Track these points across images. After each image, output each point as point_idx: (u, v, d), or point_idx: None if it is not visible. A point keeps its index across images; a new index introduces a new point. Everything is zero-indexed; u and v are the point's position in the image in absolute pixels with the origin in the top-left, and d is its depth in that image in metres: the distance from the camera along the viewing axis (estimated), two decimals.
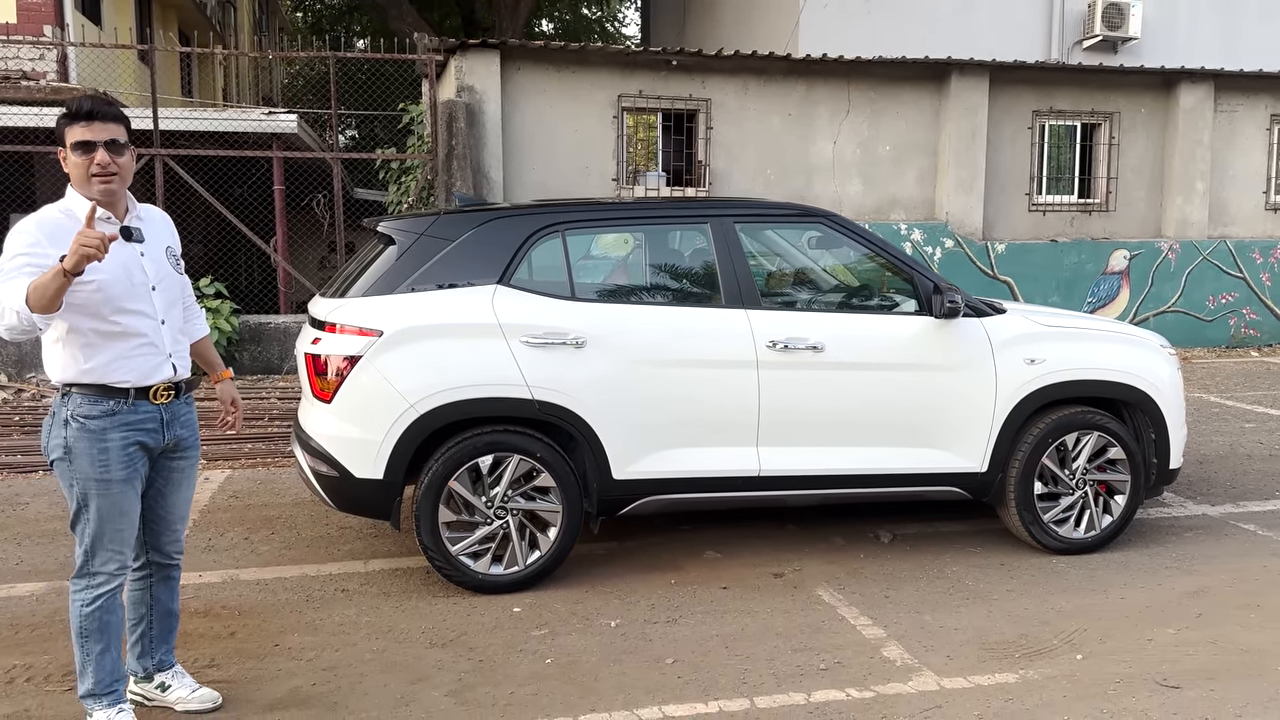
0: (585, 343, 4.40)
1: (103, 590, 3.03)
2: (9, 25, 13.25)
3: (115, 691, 3.09)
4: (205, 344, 3.47)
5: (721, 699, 3.45)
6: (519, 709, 3.39)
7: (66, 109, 2.94)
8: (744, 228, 4.79)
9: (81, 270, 2.69)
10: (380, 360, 4.27)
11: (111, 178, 2.95)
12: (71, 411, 2.95)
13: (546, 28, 27.06)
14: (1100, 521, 4.96)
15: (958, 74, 11.57)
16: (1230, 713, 3.37)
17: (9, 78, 13.03)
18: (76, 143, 2.92)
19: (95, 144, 2.91)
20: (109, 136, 2.94)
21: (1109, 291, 12.21)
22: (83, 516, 2.99)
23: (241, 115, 11.74)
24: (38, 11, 13.70)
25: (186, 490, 3.26)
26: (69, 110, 2.93)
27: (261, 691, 3.50)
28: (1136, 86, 12.30)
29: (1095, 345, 5.01)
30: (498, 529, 4.38)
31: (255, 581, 4.58)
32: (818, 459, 4.67)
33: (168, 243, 3.20)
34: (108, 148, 2.93)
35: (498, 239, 4.49)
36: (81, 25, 14.32)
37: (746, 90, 11.28)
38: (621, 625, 4.09)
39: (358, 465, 4.29)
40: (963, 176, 11.72)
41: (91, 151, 2.91)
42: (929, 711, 3.37)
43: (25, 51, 13.40)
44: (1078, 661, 3.76)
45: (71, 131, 2.92)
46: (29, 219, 2.92)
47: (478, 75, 10.35)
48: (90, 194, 2.95)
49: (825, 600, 4.36)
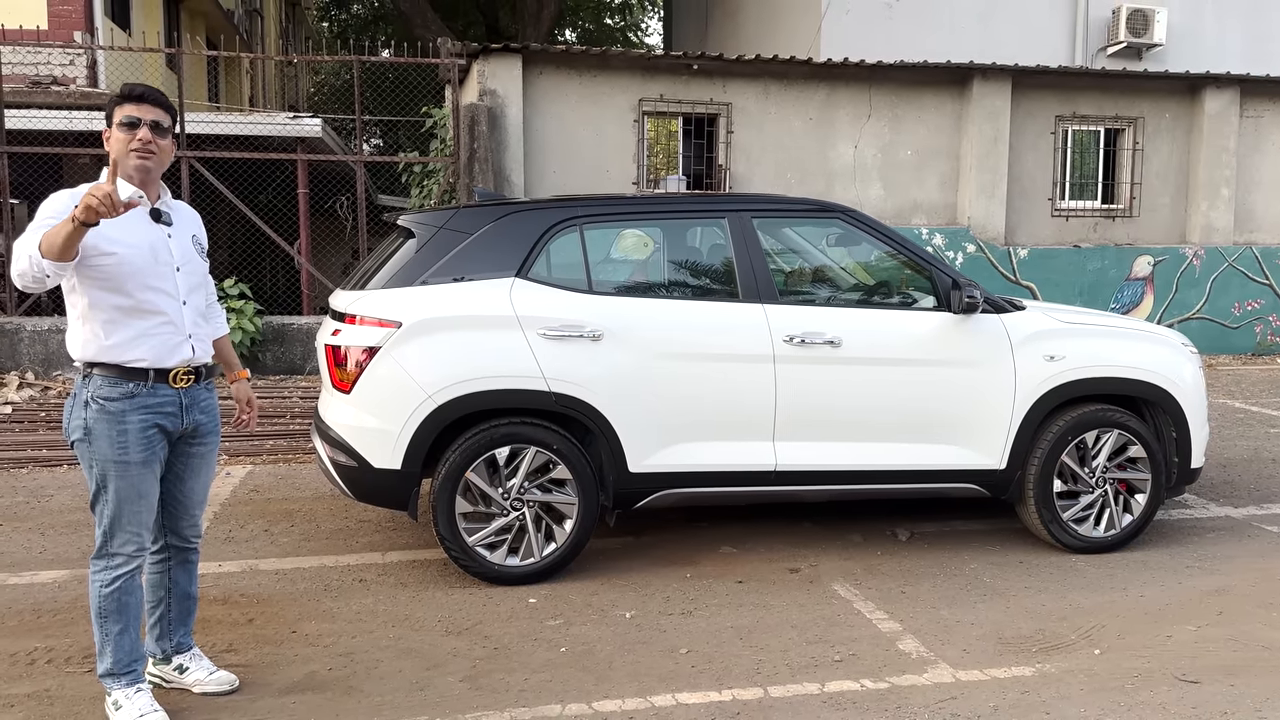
0: (602, 335, 4.42)
1: (121, 571, 3.06)
2: (40, 31, 13.45)
3: (134, 671, 3.12)
4: (225, 343, 3.52)
5: (735, 688, 3.45)
6: (533, 694, 3.40)
7: (120, 91, 3.02)
8: (761, 223, 4.80)
9: (93, 221, 2.69)
10: (399, 351, 4.30)
11: (150, 155, 3.02)
12: (92, 393, 3.00)
13: (570, 36, 27.19)
14: (1120, 520, 4.92)
15: (980, 78, 11.54)
16: (1250, 708, 3.33)
17: (40, 82, 13.24)
18: (124, 119, 2.99)
19: (141, 121, 2.99)
20: (154, 118, 3.02)
21: (1133, 298, 12.12)
22: (101, 498, 3.03)
23: (267, 119, 11.86)
24: (68, 18, 13.92)
25: (205, 476, 3.30)
26: (121, 92, 3.02)
27: (278, 675, 3.53)
28: (1161, 91, 12.22)
29: (1116, 342, 4.97)
30: (514, 520, 4.40)
31: (274, 571, 4.61)
32: (834, 454, 4.66)
33: (194, 232, 3.26)
34: (152, 128, 3.01)
35: (516, 232, 4.52)
36: (110, 31, 14.53)
37: (767, 94, 11.30)
38: (636, 616, 4.09)
39: (376, 455, 4.32)
40: (985, 181, 11.68)
41: (136, 128, 2.99)
42: (944, 703, 3.35)
43: (56, 57, 13.60)
44: (1095, 656, 3.73)
45: (121, 109, 3.00)
46: (63, 191, 2.99)
47: (499, 79, 10.42)
48: (127, 168, 3.00)
49: (841, 595, 4.34)
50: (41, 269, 2.76)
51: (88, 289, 2.96)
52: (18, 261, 2.80)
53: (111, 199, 2.68)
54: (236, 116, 12.61)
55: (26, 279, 2.80)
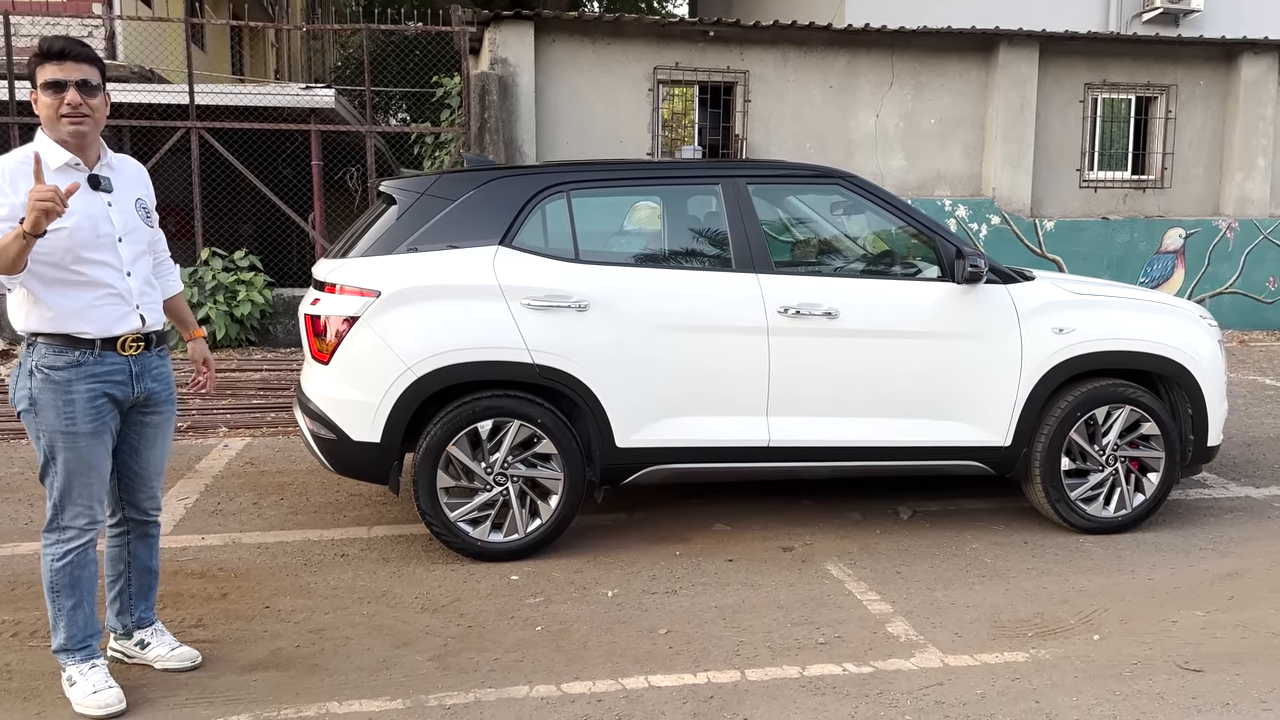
0: (589, 306, 4.27)
1: (73, 545, 2.98)
2: (59, 3, 13.43)
3: (88, 647, 3.04)
4: (178, 300, 3.40)
5: (711, 670, 3.32)
6: (502, 675, 3.28)
7: (38, 48, 2.87)
8: (757, 190, 4.62)
9: (43, 230, 2.64)
10: (378, 321, 4.18)
11: (83, 119, 2.87)
12: (36, 362, 2.89)
13: (596, 8, 26.84)
14: (1131, 500, 4.72)
15: (1006, 45, 11.20)
16: (1254, 698, 3.15)
17: None
18: (47, 82, 2.84)
19: (66, 83, 2.84)
20: (81, 76, 2.86)
21: (1163, 271, 11.78)
22: (50, 469, 2.94)
23: (280, 90, 11.76)
24: None
25: (162, 446, 3.20)
26: (40, 49, 2.86)
27: (244, 652, 3.44)
28: (1195, 58, 11.81)
29: (1129, 315, 4.75)
30: (497, 496, 4.28)
31: (256, 545, 4.54)
32: (830, 430, 4.49)
33: (139, 194, 3.12)
34: (79, 88, 2.85)
35: (500, 199, 4.38)
36: (136, 4, 14.49)
37: (786, 62, 11.04)
38: (619, 595, 3.97)
39: (355, 428, 4.21)
40: (1010, 151, 11.37)
41: (62, 91, 2.84)
42: (928, 689, 3.20)
43: (75, 29, 13.55)
44: (1094, 642, 3.56)
45: (43, 71, 2.85)
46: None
47: (511, 48, 10.24)
48: (60, 135, 2.88)
49: (833, 575, 4.20)
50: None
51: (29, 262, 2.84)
52: None
53: (60, 197, 2.59)
54: (250, 87, 12.53)
55: None
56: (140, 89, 11.01)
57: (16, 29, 12.70)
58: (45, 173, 2.79)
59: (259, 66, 22.85)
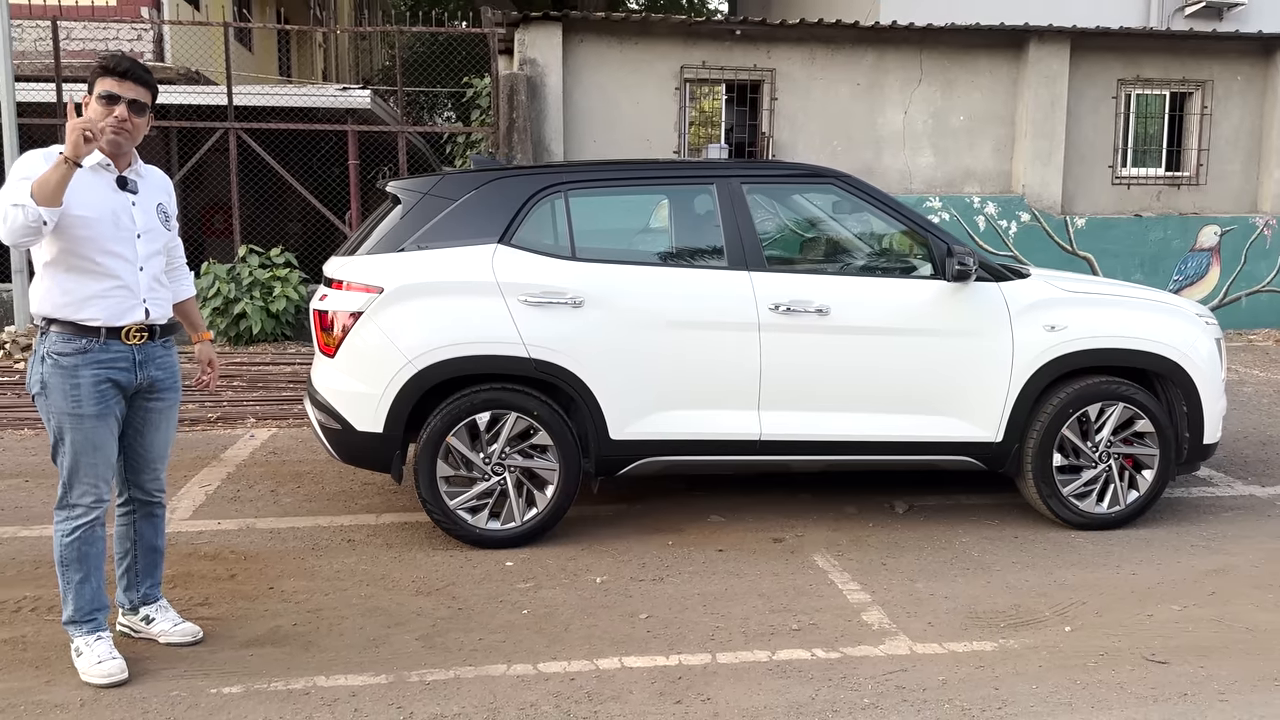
0: (584, 302, 4.42)
1: (81, 522, 3.18)
2: (110, 8, 13.88)
3: (94, 620, 3.25)
4: (190, 305, 3.61)
5: (684, 653, 3.45)
6: (483, 654, 3.44)
7: (104, 61, 3.09)
8: (752, 189, 4.73)
9: (83, 155, 2.87)
10: (380, 316, 4.36)
11: (124, 133, 3.11)
12: (47, 349, 3.11)
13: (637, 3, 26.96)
14: (1125, 497, 4.75)
15: (1036, 41, 11.14)
16: (1213, 690, 3.21)
17: None
18: (104, 93, 3.08)
19: (121, 98, 3.09)
20: (134, 96, 3.11)
21: (1197, 269, 11.63)
22: (60, 449, 3.16)
23: (317, 91, 12.07)
24: None
25: (166, 431, 3.40)
26: (106, 63, 3.09)
27: (244, 629, 3.63)
28: (1232, 53, 11.64)
29: (1122, 313, 4.79)
30: (495, 485, 4.44)
31: (269, 530, 4.75)
32: (822, 424, 4.59)
33: (160, 200, 3.34)
34: (130, 106, 3.10)
35: (500, 199, 4.53)
36: (178, 7, 14.92)
37: (813, 60, 11.08)
38: (607, 582, 4.11)
39: (359, 418, 4.40)
40: (1041, 148, 11.30)
41: (115, 104, 3.08)
42: (891, 674, 3.30)
43: (124, 32, 13.98)
44: (1065, 633, 3.63)
45: (103, 82, 3.08)
46: (34, 151, 3.09)
47: (539, 48, 10.41)
48: (101, 140, 3.08)
49: (819, 565, 4.30)
50: (38, 216, 2.89)
51: (52, 247, 3.06)
52: (8, 219, 2.88)
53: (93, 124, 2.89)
54: (289, 89, 12.84)
55: (19, 232, 2.89)
56: (183, 90, 11.37)
57: (69, 33, 13.18)
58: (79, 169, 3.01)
59: (306, 67, 23.26)
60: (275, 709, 3.06)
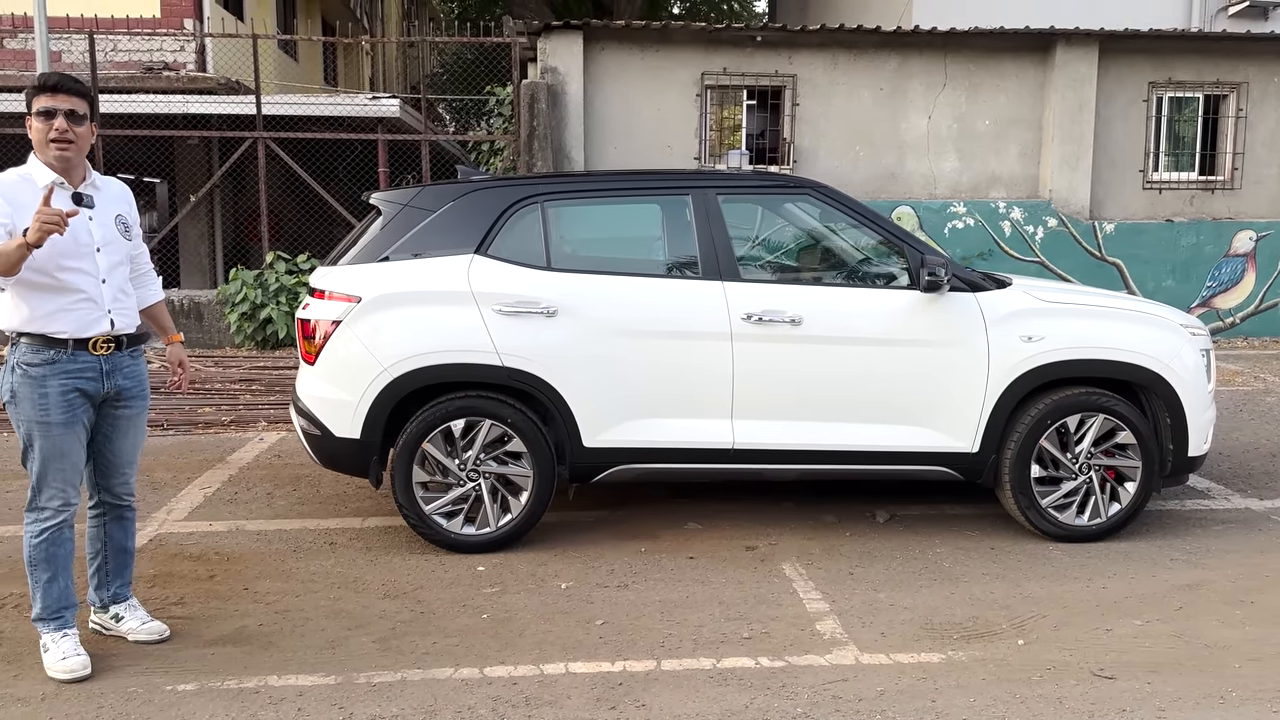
0: (557, 312, 4.49)
1: (49, 524, 3.33)
2: (154, 20, 14.29)
3: (61, 617, 3.39)
4: (159, 309, 3.75)
5: (630, 660, 3.50)
6: (435, 658, 3.53)
7: (37, 80, 3.25)
8: (727, 200, 4.77)
9: (43, 243, 3.02)
10: (358, 325, 4.48)
11: (68, 145, 3.24)
12: (17, 359, 3.26)
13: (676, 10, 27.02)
14: (1106, 509, 4.70)
15: (1063, 44, 10.99)
16: (1154, 707, 3.18)
17: (152, 69, 14.07)
18: (40, 110, 3.22)
19: (56, 111, 3.21)
20: (69, 107, 3.23)
21: (1232, 275, 11.38)
22: (29, 455, 3.31)
23: (347, 100, 12.33)
24: (179, 6, 14.68)
25: (134, 438, 3.54)
26: (38, 81, 3.24)
27: (211, 628, 3.76)
28: (1268, 54, 11.37)
29: (1102, 323, 4.74)
30: (470, 491, 4.53)
31: (257, 532, 4.89)
32: (795, 434, 4.61)
33: (120, 211, 3.47)
34: (67, 117, 3.23)
35: (477, 210, 4.63)
36: (221, 18, 15.29)
37: (835, 65, 11.05)
38: (572, 588, 4.17)
39: (337, 425, 4.52)
40: (1068, 152, 11.14)
41: (52, 118, 3.21)
42: (831, 684, 3.32)
43: (168, 44, 14.39)
44: (1017, 647, 3.61)
45: (37, 100, 3.23)
46: (11, 173, 3.25)
47: (560, 57, 10.53)
48: (47, 159, 3.24)
49: (786, 574, 4.32)
50: None
51: None
52: None
53: (64, 220, 2.99)
54: (321, 98, 13.13)
55: None
56: (216, 100, 11.68)
57: (115, 45, 13.61)
58: (32, 189, 3.17)
59: (353, 76, 23.63)
60: (223, 706, 3.17)
